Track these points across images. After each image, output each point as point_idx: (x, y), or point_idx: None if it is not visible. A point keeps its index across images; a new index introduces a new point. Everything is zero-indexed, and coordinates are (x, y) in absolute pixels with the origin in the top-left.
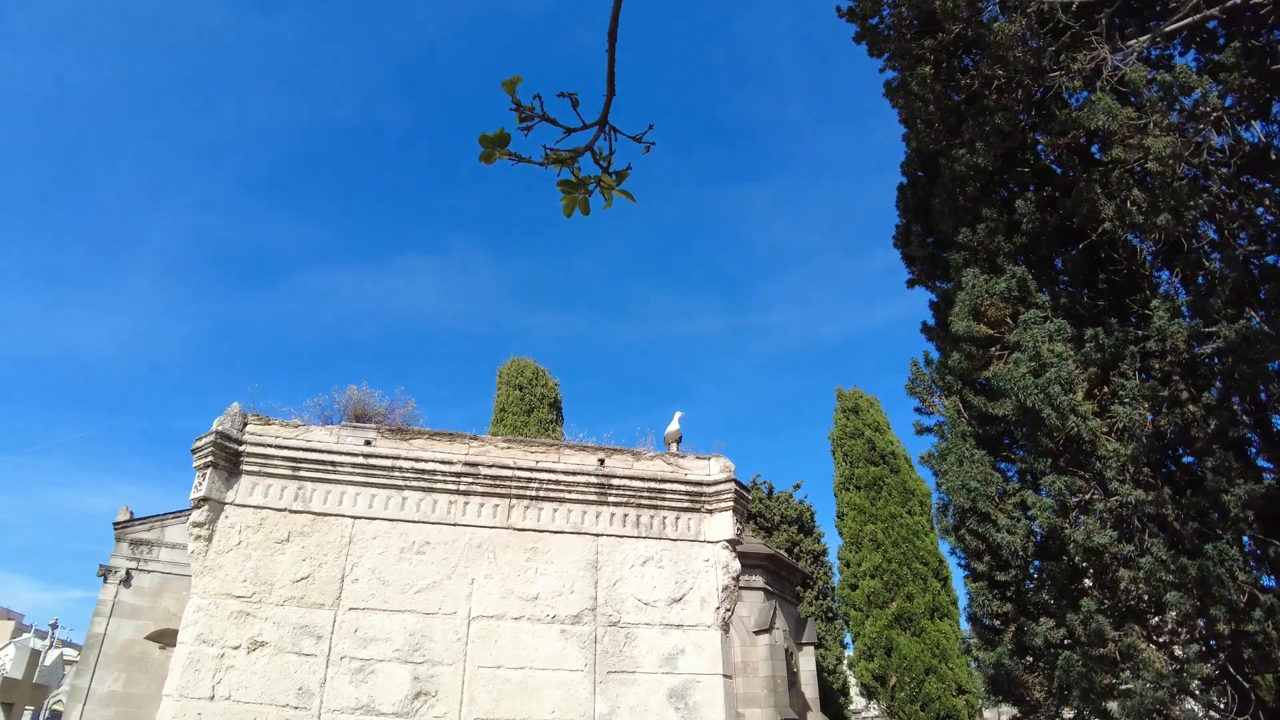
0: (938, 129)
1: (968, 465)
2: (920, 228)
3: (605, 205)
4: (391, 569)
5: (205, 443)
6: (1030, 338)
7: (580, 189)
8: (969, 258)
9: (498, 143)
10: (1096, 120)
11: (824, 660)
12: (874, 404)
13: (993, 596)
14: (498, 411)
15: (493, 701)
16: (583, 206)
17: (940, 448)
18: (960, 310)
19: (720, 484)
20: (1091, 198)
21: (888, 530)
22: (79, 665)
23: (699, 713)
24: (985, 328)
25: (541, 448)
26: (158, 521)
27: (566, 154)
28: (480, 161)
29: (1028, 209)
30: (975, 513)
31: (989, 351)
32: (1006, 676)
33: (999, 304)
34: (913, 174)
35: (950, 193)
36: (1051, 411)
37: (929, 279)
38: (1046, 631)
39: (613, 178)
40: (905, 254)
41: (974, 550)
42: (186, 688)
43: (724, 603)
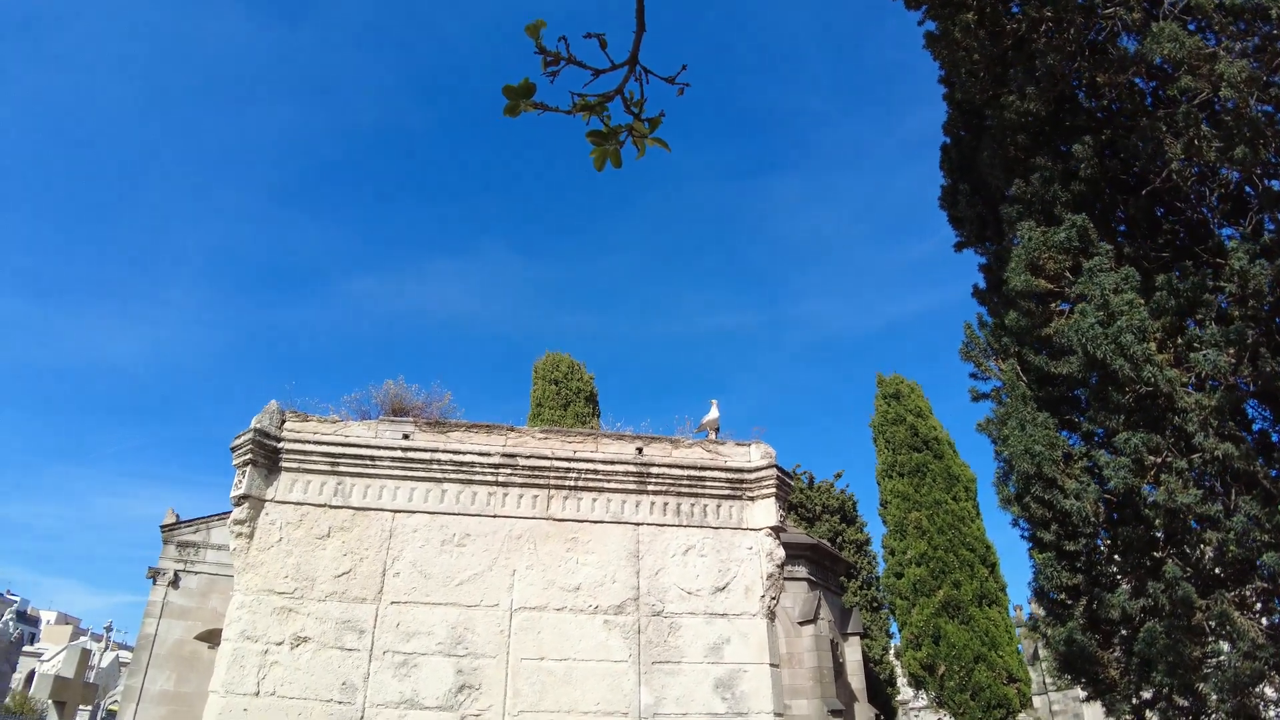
0: (983, 79)
1: (1030, 429)
2: (967, 186)
3: (638, 155)
4: (432, 562)
5: (244, 440)
6: (1097, 287)
7: (611, 139)
8: (1023, 210)
9: (522, 94)
10: (1162, 49)
11: (870, 650)
12: (915, 389)
13: (1061, 568)
14: (534, 406)
15: (537, 694)
16: (614, 158)
17: (999, 413)
18: (1016, 266)
19: (761, 470)
20: (1157, 136)
21: (932, 517)
22: (131, 665)
23: (746, 702)
24: (1044, 282)
25: (579, 438)
26: (203, 524)
27: (595, 100)
28: (505, 114)
29: (1085, 154)
30: (1041, 478)
31: (1049, 308)
32: (1079, 653)
33: (1058, 256)
34: (955, 133)
35: (999, 143)
36: (1124, 363)
37: (978, 240)
38: (1123, 602)
39: (645, 125)
40: (952, 215)
41: (1040, 519)
42: (232, 684)
43: (768, 591)
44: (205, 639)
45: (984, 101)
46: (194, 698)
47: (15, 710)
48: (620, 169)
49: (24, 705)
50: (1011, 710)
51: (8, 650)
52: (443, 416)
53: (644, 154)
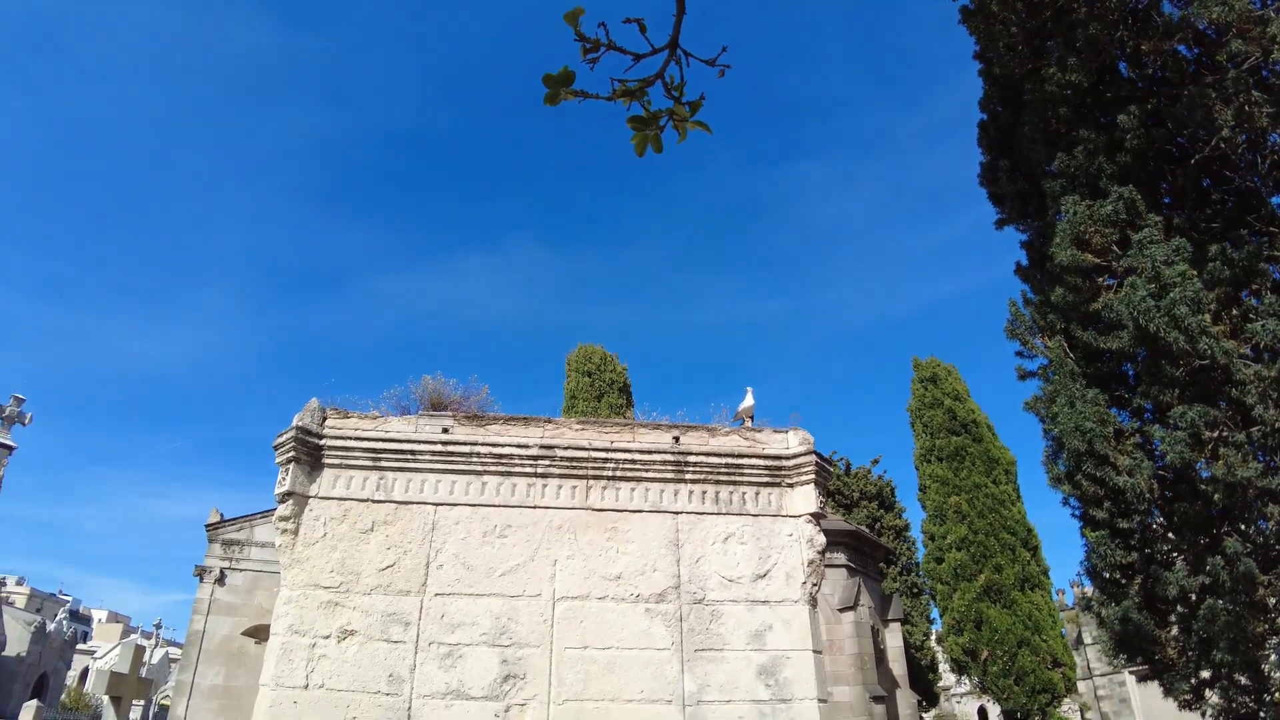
0: (1020, 52)
1: (1080, 406)
2: (1007, 163)
3: (679, 139)
4: (475, 553)
5: (286, 438)
6: (1147, 259)
7: (651, 124)
8: (1067, 184)
9: (562, 81)
10: (1209, 14)
11: (911, 636)
12: (952, 372)
13: (1115, 546)
14: (568, 399)
15: (581, 683)
16: (655, 143)
17: (1047, 390)
18: (1061, 241)
19: (800, 457)
20: (1205, 104)
21: (972, 501)
22: (182, 661)
23: (790, 689)
24: (1091, 256)
25: (615, 428)
26: (246, 522)
27: (636, 85)
28: (545, 103)
29: (1131, 124)
30: (1092, 455)
31: (1096, 282)
32: (1135, 632)
33: (1104, 229)
34: (992, 109)
35: (1040, 117)
36: (1179, 335)
37: (1020, 216)
38: (1181, 579)
39: (686, 108)
40: (992, 192)
41: (1092, 497)
42: (281, 677)
43: (810, 577)
44: (252, 634)
45: (1022, 75)
46: (243, 691)
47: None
48: (659, 154)
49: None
50: (1056, 695)
51: (62, 649)
52: (480, 410)
53: (685, 138)
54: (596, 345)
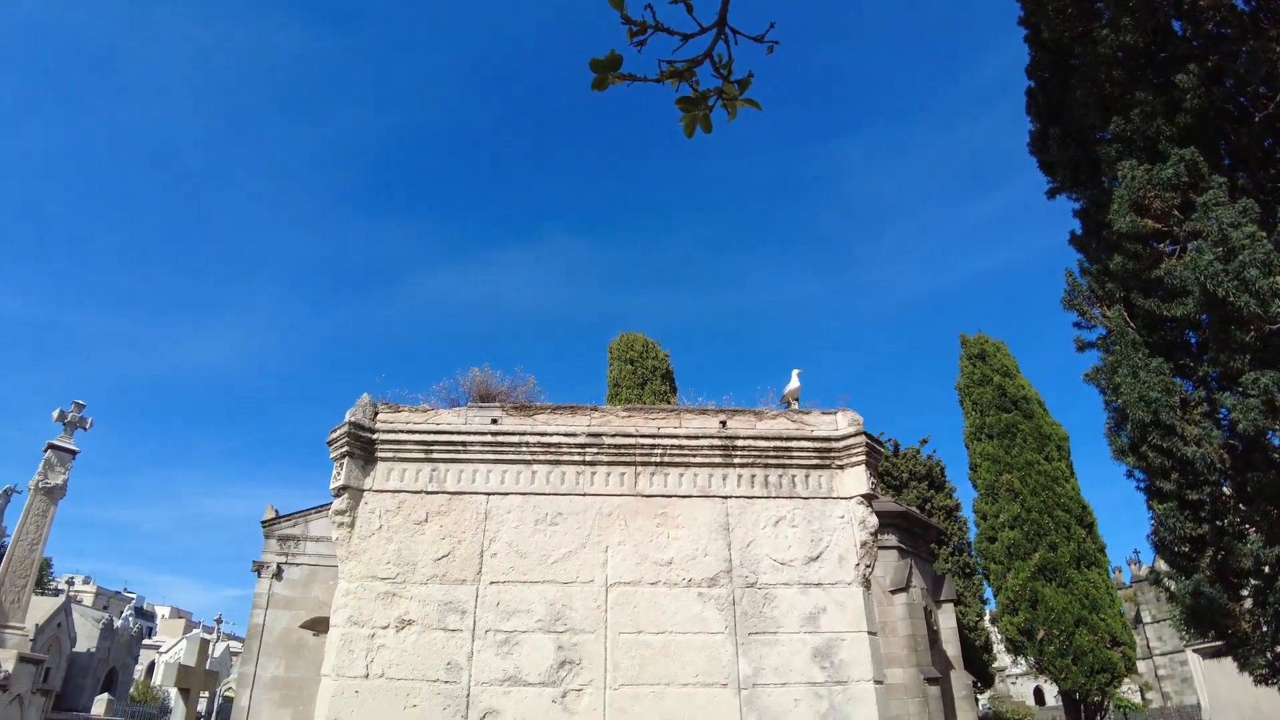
0: (1069, 14)
1: (1144, 375)
2: (1058, 130)
3: (729, 118)
4: (527, 541)
5: (340, 434)
6: (1213, 222)
7: (700, 104)
8: (1123, 149)
9: (609, 66)
10: None
11: (964, 617)
12: (1001, 348)
13: (1184, 518)
14: (611, 387)
15: (636, 667)
16: (704, 124)
17: (1108, 361)
18: (1120, 207)
19: (849, 438)
20: (1268, 58)
21: (1025, 478)
22: (244, 654)
23: (846, 671)
24: (1151, 222)
25: (661, 414)
26: (301, 517)
27: (684, 66)
28: (593, 89)
29: (1190, 83)
30: (1158, 426)
31: (1157, 249)
32: (1208, 605)
33: (1165, 194)
34: (1040, 76)
35: (1092, 81)
36: (1249, 299)
37: (1073, 184)
38: (1256, 550)
39: (735, 87)
40: (1043, 161)
41: (1158, 468)
42: (342, 667)
43: (863, 559)
44: (310, 627)
45: (1072, 39)
46: (303, 682)
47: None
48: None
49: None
50: (1116, 674)
51: (129, 644)
52: (528, 400)
53: (735, 116)
54: (638, 333)
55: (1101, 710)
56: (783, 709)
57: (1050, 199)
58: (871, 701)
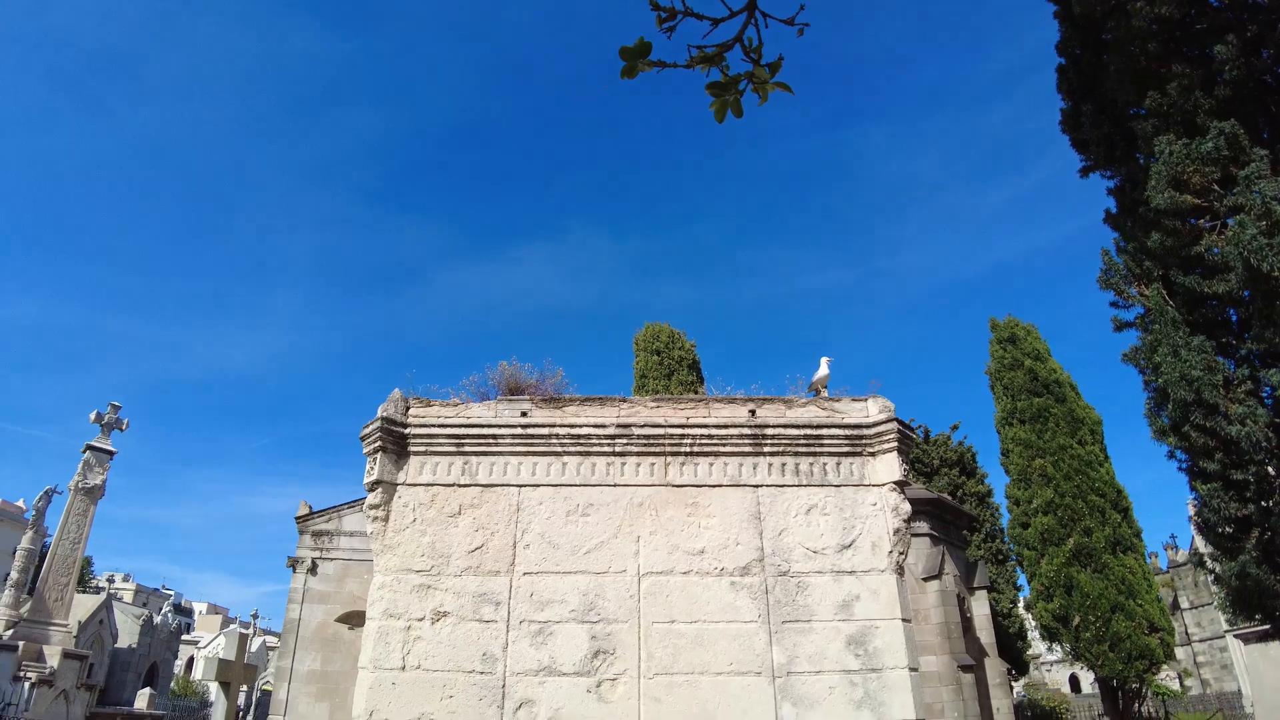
0: None
1: (1185, 354)
2: (1091, 106)
3: (760, 102)
4: (559, 532)
5: (373, 429)
6: (1256, 195)
7: (730, 89)
8: (1159, 124)
9: (638, 53)
10: None
11: (998, 604)
12: (1031, 331)
13: (1229, 499)
14: (638, 378)
15: (670, 656)
16: (735, 108)
17: (1147, 340)
18: (1157, 183)
19: (881, 424)
20: None
21: (1058, 463)
22: (280, 648)
23: (880, 658)
24: (1190, 198)
25: (690, 404)
26: (334, 513)
27: (714, 50)
28: (623, 77)
29: (1229, 54)
30: (1201, 405)
31: (1196, 225)
32: (1255, 587)
33: (1204, 168)
34: (1070, 52)
35: (1126, 56)
36: None
37: (1107, 162)
38: None
39: (765, 70)
40: (1076, 139)
41: (1201, 448)
42: (379, 659)
43: (896, 546)
44: (345, 620)
45: (1104, 13)
46: (338, 675)
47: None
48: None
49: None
50: (1154, 661)
51: (169, 639)
52: (557, 393)
53: (766, 100)
54: (663, 324)
55: (1139, 697)
56: (817, 697)
57: (1084, 177)
58: (907, 689)
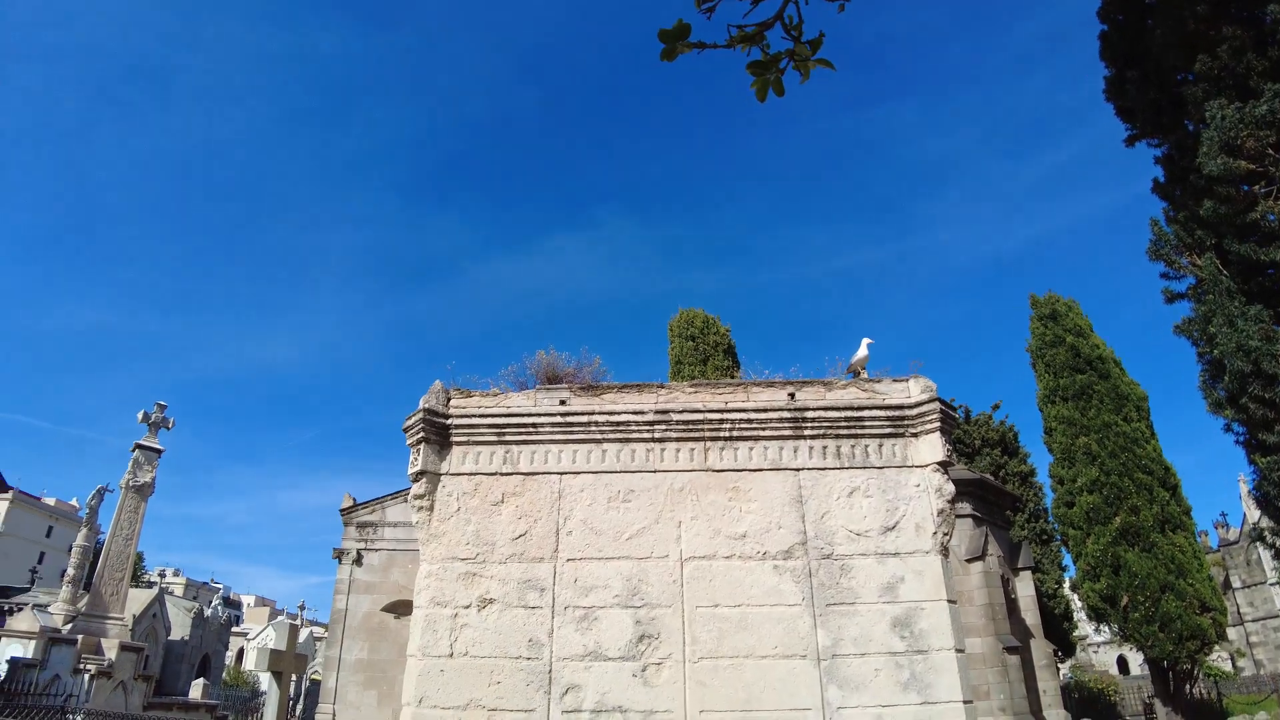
0: None
1: (1242, 324)
2: (1136, 73)
3: (802, 79)
4: (601, 518)
5: (415, 420)
6: None
7: (771, 68)
8: (1210, 88)
9: (678, 35)
10: None
11: (1043, 585)
12: (1073, 307)
13: None
14: (673, 365)
15: (714, 640)
16: (776, 87)
17: (1200, 311)
18: (1209, 149)
19: (923, 405)
20: None
21: (1102, 441)
22: (328, 638)
23: (926, 640)
24: (1244, 163)
25: (728, 389)
26: (378, 504)
27: (754, 29)
28: (662, 59)
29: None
30: (1259, 376)
31: (1251, 191)
32: None
33: (1259, 132)
34: (1113, 18)
35: (1174, 19)
36: None
37: (1154, 130)
38: None
39: (806, 47)
40: (1120, 107)
41: (1260, 420)
42: (427, 646)
43: (940, 527)
44: (390, 610)
45: None
46: (385, 664)
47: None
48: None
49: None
50: (1206, 642)
51: (220, 631)
52: (594, 381)
53: (808, 77)
54: (697, 309)
55: (1191, 679)
56: (863, 679)
57: (1129, 146)
58: (954, 670)
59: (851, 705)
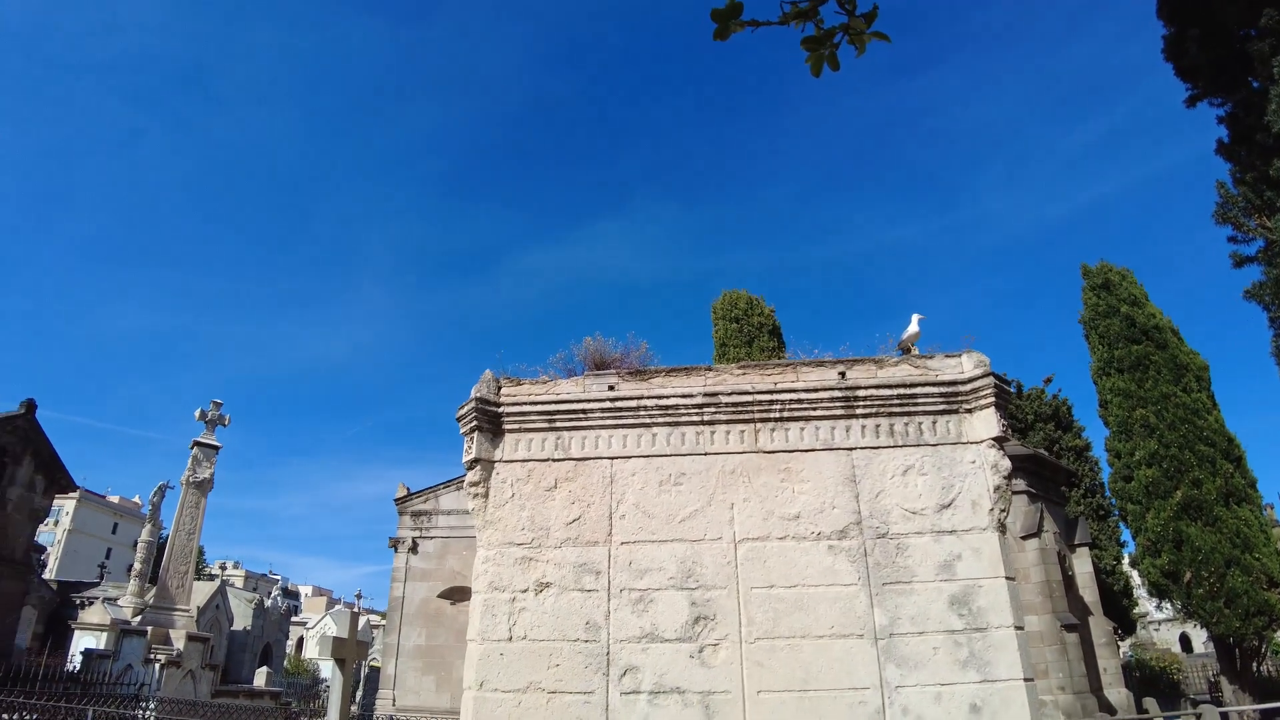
0: None
1: None
2: (1197, 31)
3: (858, 53)
4: (653, 502)
5: (468, 409)
6: None
7: (825, 42)
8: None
9: (730, 14)
10: None
11: (1100, 561)
12: (1127, 276)
13: None
14: (718, 347)
15: (771, 621)
16: (831, 61)
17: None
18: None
19: (977, 380)
20: None
21: (1161, 412)
22: (386, 625)
23: (985, 617)
24: None
25: (777, 369)
26: (431, 493)
27: (807, 5)
28: (715, 39)
29: None
30: None
31: None
32: None
33: None
34: None
35: None
36: None
37: (1217, 89)
38: None
39: (861, 20)
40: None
41: None
42: (486, 631)
43: (997, 504)
44: (446, 596)
45: None
46: (443, 649)
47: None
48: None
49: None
50: (1275, 617)
51: (280, 621)
52: (642, 365)
53: (864, 50)
54: (741, 290)
55: (1259, 656)
56: (921, 658)
57: (1190, 107)
58: (1013, 648)
59: (910, 684)
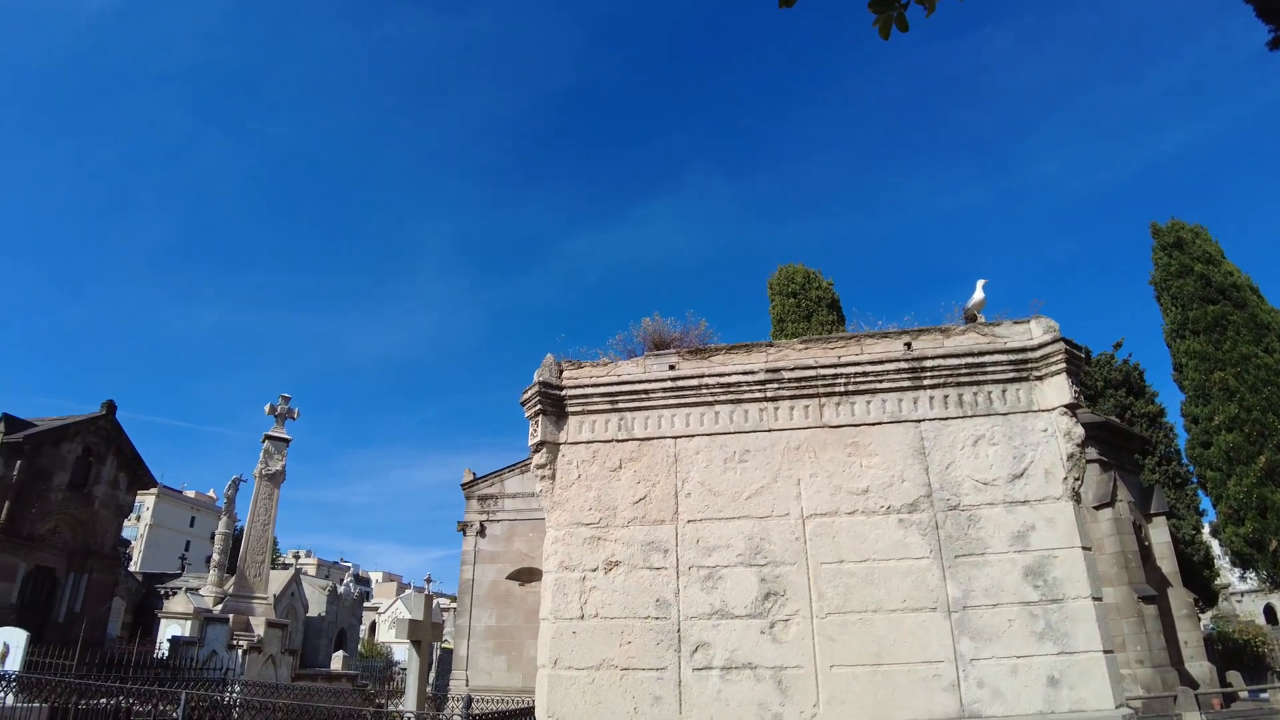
0: None
1: None
2: None
3: (928, 13)
4: (718, 480)
5: (531, 394)
6: None
7: (893, 4)
8: None
9: None
10: None
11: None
12: (1200, 233)
13: None
14: (775, 323)
15: (841, 596)
16: (900, 23)
17: None
18: None
19: (1046, 346)
20: None
21: (1241, 375)
22: (457, 608)
23: (1061, 588)
24: None
25: (840, 342)
26: (496, 477)
27: None
28: (781, 6)
29: None
30: None
31: None
32: None
33: None
34: None
35: None
36: None
37: None
38: None
39: None
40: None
41: None
42: (558, 610)
43: (1070, 472)
44: (515, 578)
45: None
46: (513, 630)
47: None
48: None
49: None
50: None
51: (353, 607)
52: (701, 344)
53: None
54: (797, 264)
55: None
56: (996, 630)
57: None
58: (1091, 619)
59: (985, 656)
